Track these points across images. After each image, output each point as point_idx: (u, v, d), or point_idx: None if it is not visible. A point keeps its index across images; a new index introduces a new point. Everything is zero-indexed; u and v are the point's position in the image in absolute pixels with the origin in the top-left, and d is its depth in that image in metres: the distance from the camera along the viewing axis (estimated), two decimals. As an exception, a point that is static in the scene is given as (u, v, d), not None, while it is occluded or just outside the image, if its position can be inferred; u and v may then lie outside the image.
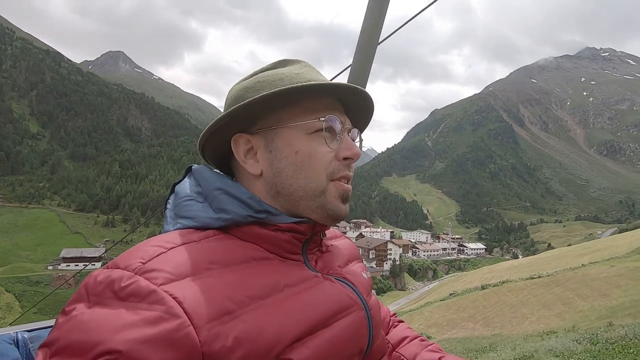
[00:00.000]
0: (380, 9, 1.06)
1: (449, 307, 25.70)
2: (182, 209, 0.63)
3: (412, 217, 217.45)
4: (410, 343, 0.85)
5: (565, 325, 14.29)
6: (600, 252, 33.26)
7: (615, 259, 25.99)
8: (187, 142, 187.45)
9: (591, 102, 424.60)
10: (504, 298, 23.76)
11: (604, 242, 42.38)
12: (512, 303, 22.28)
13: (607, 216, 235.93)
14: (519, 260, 50.05)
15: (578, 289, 20.63)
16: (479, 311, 22.57)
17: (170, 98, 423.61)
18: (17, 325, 0.82)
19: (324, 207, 0.63)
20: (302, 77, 0.66)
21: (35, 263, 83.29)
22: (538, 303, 20.78)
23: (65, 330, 0.44)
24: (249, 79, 0.69)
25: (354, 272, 0.73)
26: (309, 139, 0.63)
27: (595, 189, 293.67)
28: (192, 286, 0.49)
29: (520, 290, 24.12)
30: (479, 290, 27.57)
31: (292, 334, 0.52)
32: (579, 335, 7.71)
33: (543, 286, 23.47)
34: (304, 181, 0.63)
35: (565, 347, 6.74)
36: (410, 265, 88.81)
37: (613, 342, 6.14)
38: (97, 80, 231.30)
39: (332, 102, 0.66)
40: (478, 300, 24.87)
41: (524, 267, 37.87)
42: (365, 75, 1.10)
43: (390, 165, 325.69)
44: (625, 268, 21.34)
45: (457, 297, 28.14)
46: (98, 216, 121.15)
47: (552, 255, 42.92)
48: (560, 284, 22.73)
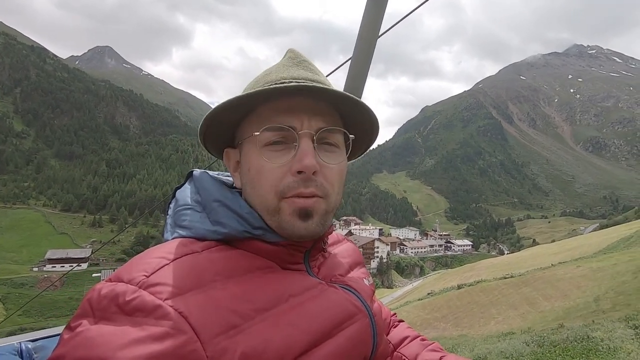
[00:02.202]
0: (381, 0, 1.03)
1: (424, 306, 26.24)
2: (180, 218, 0.62)
3: (401, 214, 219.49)
4: (411, 343, 0.85)
5: (526, 326, 14.85)
6: (572, 251, 34.16)
7: (583, 259, 26.75)
8: (175, 141, 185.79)
9: (578, 99, 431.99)
10: (476, 298, 24.32)
11: (577, 241, 43.57)
12: (483, 303, 22.80)
13: (591, 211, 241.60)
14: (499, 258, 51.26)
15: (544, 290, 21.22)
16: (451, 311, 23.14)
17: (160, 94, 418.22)
18: (21, 335, 0.81)
19: (280, 226, 0.59)
20: (265, 79, 0.61)
21: (20, 265, 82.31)
22: (506, 303, 21.30)
23: (72, 346, 0.44)
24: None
25: (356, 279, 0.71)
26: (259, 153, 0.59)
27: (581, 184, 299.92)
28: (197, 300, 0.48)
29: (492, 290, 24.69)
30: (455, 290, 28.19)
31: (299, 346, 0.52)
32: (530, 337, 8.11)
33: (513, 286, 24.07)
34: (258, 200, 0.60)
35: (516, 349, 7.09)
36: (397, 263, 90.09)
37: (556, 345, 6.54)
38: (83, 77, 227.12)
39: (289, 104, 0.59)
40: (452, 300, 25.45)
41: (502, 265, 38.87)
42: (365, 69, 1.07)
43: (380, 162, 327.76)
44: (589, 268, 21.91)
45: (434, 297, 28.72)
46: (85, 216, 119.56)
47: (530, 254, 44.03)
48: (529, 284, 23.31)
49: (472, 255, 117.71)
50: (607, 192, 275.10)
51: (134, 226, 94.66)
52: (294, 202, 0.58)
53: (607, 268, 21.16)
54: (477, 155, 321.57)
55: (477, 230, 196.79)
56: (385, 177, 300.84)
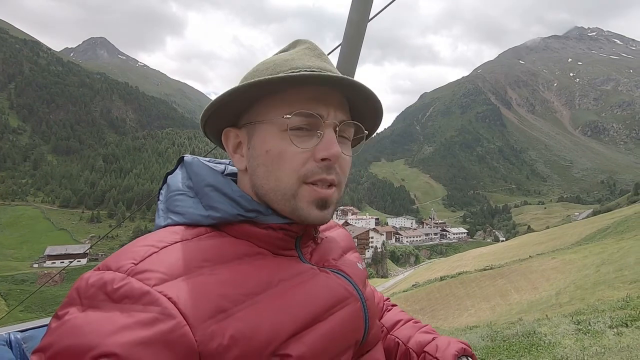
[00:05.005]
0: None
1: (407, 298, 26.77)
2: (172, 204, 0.62)
3: (399, 203, 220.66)
4: (404, 325, 0.86)
5: (493, 318, 15.35)
6: (555, 241, 34.57)
7: (559, 250, 27.17)
8: (172, 134, 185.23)
9: (577, 83, 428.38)
10: (455, 290, 24.86)
11: (562, 230, 43.99)
12: (460, 295, 23.36)
13: (588, 196, 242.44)
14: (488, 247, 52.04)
15: (517, 282, 21.62)
16: (430, 303, 23.71)
17: (157, 86, 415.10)
18: (9, 326, 0.81)
19: (295, 212, 0.59)
20: (289, 64, 0.61)
21: (20, 261, 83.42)
22: (481, 295, 21.76)
23: (59, 334, 0.43)
24: (257, 64, 0.65)
25: (349, 264, 0.71)
26: (281, 136, 0.58)
27: (579, 169, 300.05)
28: (185, 286, 0.48)
29: (470, 282, 25.23)
30: (437, 282, 28.77)
31: (288, 329, 0.52)
32: (488, 331, 8.55)
33: (490, 278, 24.56)
34: (274, 183, 0.59)
35: (472, 342, 7.54)
36: (392, 252, 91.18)
37: (505, 340, 6.92)
38: (78, 70, 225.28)
39: (317, 93, 0.59)
40: (433, 292, 26.00)
41: (489, 255, 39.34)
42: (355, 55, 1.04)
43: (379, 151, 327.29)
44: (562, 260, 22.15)
45: (417, 289, 29.21)
46: (83, 212, 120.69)
47: (517, 243, 44.53)
48: (505, 276, 23.75)
49: (467, 243, 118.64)
50: (605, 176, 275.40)
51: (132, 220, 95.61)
52: (315, 191, 0.58)
53: (577, 260, 21.37)
54: (476, 142, 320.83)
55: (474, 217, 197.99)
56: (383, 165, 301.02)
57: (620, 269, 14.58)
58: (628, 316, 4.15)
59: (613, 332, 3.87)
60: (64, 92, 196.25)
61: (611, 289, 12.35)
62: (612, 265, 15.98)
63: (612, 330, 3.93)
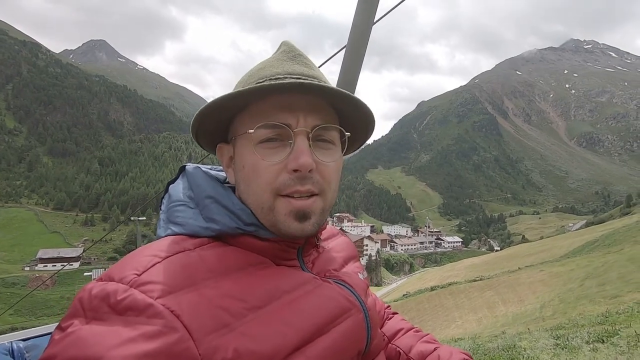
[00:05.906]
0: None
1: (397, 308, 25.48)
2: (173, 214, 0.62)
3: (395, 210, 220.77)
4: (406, 335, 0.85)
5: (479, 330, 15.46)
6: (545, 252, 34.69)
7: (547, 262, 27.28)
8: (169, 138, 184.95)
9: (573, 94, 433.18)
10: (444, 301, 24.83)
11: (552, 242, 44.24)
12: (448, 306, 23.35)
13: (583, 207, 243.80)
14: (481, 257, 52.14)
15: (505, 294, 21.64)
16: (419, 314, 23.69)
17: (155, 89, 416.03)
18: (11, 334, 0.81)
19: (275, 226, 0.58)
20: (259, 74, 0.60)
21: (11, 264, 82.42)
22: (469, 307, 21.73)
23: (63, 346, 0.43)
24: (245, 73, 0.64)
25: (351, 274, 0.71)
26: (253, 151, 0.58)
27: (574, 180, 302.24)
28: (189, 298, 0.48)
29: (459, 293, 25.22)
30: (428, 292, 28.79)
31: (292, 343, 0.51)
32: (471, 344, 8.66)
33: (479, 289, 24.58)
34: (252, 198, 0.59)
35: None
36: (387, 260, 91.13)
37: (486, 353, 7.04)
38: (77, 72, 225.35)
39: (282, 102, 0.57)
40: (422, 303, 25.99)
41: (481, 265, 39.38)
42: (360, 57, 1.04)
43: (376, 158, 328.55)
44: (549, 273, 22.25)
45: (407, 299, 29.27)
46: (77, 215, 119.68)
47: (508, 254, 44.64)
48: (493, 287, 23.80)
49: (461, 252, 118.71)
50: (600, 187, 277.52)
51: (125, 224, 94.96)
52: (290, 203, 0.57)
53: (564, 273, 21.35)
54: (472, 151, 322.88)
55: (470, 226, 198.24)
56: (380, 172, 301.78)
57: (603, 284, 14.71)
58: (605, 332, 4.27)
59: (589, 347, 3.98)
60: (62, 94, 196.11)
61: (592, 304, 12.49)
62: (595, 280, 16.08)
63: (589, 345, 4.05)
